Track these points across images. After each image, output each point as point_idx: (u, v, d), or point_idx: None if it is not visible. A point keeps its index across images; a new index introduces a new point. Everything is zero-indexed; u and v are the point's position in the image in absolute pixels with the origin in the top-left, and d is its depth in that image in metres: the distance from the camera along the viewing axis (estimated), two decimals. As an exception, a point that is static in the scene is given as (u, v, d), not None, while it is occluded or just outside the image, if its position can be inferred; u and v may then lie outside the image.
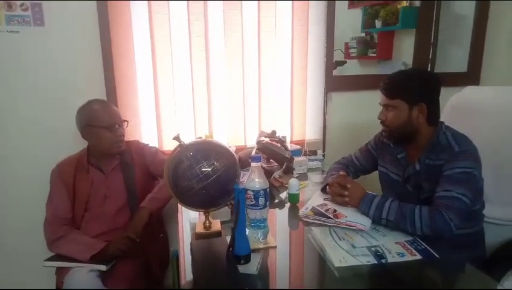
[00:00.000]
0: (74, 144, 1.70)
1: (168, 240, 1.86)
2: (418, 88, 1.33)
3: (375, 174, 1.61)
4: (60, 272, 1.49)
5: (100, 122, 1.55)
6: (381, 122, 1.42)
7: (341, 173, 1.46)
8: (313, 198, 1.47)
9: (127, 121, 1.66)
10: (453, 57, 2.54)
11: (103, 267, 1.44)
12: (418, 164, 1.37)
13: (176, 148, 1.16)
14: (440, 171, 1.28)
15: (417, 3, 2.57)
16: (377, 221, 1.25)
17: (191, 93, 1.97)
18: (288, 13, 2.04)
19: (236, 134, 2.09)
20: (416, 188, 1.39)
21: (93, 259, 1.44)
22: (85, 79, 1.84)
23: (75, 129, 1.59)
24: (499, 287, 1.03)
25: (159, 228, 1.79)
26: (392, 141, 1.46)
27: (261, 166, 1.16)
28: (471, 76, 2.38)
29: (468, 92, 1.76)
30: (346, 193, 1.34)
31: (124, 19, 1.80)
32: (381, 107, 1.40)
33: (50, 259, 1.52)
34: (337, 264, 1.04)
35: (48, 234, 1.55)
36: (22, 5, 1.70)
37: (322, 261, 1.09)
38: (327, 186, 1.45)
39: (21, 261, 1.91)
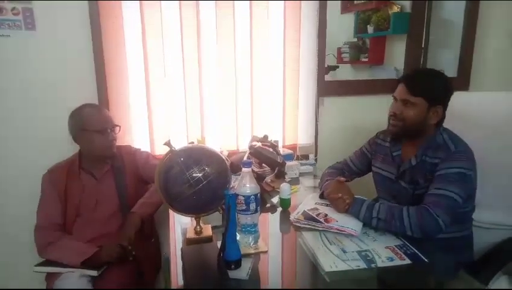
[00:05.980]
0: (65, 149, 1.69)
1: (160, 244, 1.85)
2: (441, 90, 1.35)
3: (369, 177, 1.63)
4: (51, 278, 1.48)
5: (93, 126, 1.55)
6: (391, 116, 1.39)
7: (338, 178, 1.45)
8: (304, 202, 1.47)
9: (119, 126, 1.66)
10: (443, 62, 2.57)
11: (94, 273, 1.43)
12: (415, 159, 1.37)
13: (166, 154, 1.17)
14: (435, 170, 1.29)
15: (408, 8, 2.61)
16: (367, 221, 1.26)
17: (183, 98, 1.97)
18: (280, 18, 2.05)
19: (228, 139, 2.10)
20: (411, 183, 1.39)
21: (85, 264, 1.43)
22: (76, 83, 1.84)
23: (66, 134, 1.58)
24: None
25: (151, 232, 1.78)
26: (397, 136, 1.44)
27: (253, 170, 1.16)
28: (461, 81, 2.41)
29: (456, 98, 1.78)
30: (346, 196, 1.33)
31: (116, 23, 1.80)
32: (393, 100, 1.38)
33: (40, 264, 1.50)
34: (327, 269, 1.05)
35: (38, 240, 1.54)
36: (13, 9, 1.69)
37: (313, 266, 1.10)
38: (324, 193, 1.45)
39: (10, 267, 1.89)
